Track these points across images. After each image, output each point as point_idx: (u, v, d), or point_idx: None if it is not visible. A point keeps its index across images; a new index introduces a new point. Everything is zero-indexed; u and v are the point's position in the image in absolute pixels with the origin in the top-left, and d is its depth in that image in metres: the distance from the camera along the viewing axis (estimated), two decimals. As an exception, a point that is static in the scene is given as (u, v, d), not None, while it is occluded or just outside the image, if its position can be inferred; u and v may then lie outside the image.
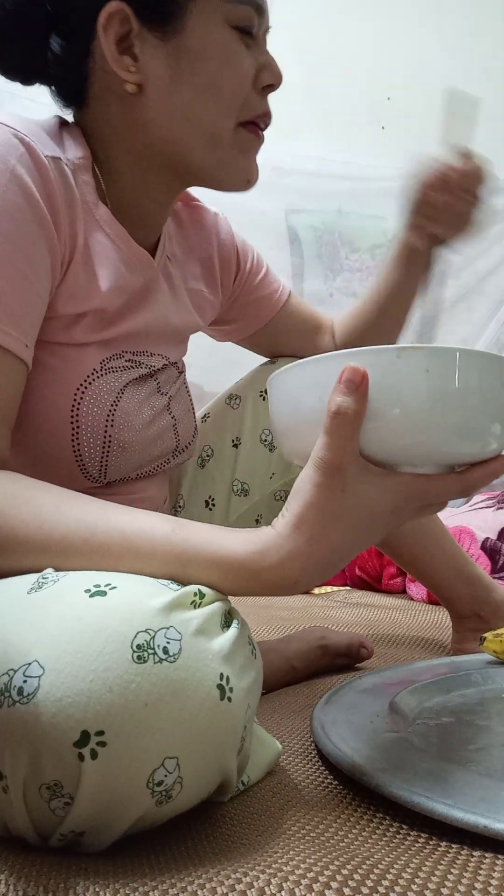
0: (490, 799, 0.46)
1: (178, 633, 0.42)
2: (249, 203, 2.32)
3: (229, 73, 0.63)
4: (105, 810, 0.41)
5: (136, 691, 0.40)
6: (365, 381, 0.44)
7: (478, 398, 0.45)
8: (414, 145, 2.68)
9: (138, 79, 0.61)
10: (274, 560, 0.46)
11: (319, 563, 0.47)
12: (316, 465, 0.45)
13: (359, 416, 0.44)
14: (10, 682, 0.40)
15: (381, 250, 2.47)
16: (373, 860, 0.43)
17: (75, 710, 0.39)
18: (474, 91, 0.93)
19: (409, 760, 0.53)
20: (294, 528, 0.46)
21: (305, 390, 0.47)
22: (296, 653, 0.89)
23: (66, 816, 0.41)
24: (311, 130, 2.43)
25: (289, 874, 0.40)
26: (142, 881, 0.41)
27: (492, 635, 0.82)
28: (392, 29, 2.51)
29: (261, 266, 0.91)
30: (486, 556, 1.58)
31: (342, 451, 0.44)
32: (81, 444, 0.64)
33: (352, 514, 0.46)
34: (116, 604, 0.42)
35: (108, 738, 0.39)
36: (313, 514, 0.45)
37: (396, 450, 0.46)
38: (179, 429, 0.77)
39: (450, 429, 0.45)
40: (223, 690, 0.43)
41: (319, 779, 0.57)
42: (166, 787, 0.41)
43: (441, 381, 0.44)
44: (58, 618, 0.42)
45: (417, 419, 0.44)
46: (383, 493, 0.46)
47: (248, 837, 0.47)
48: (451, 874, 0.41)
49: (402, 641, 1.12)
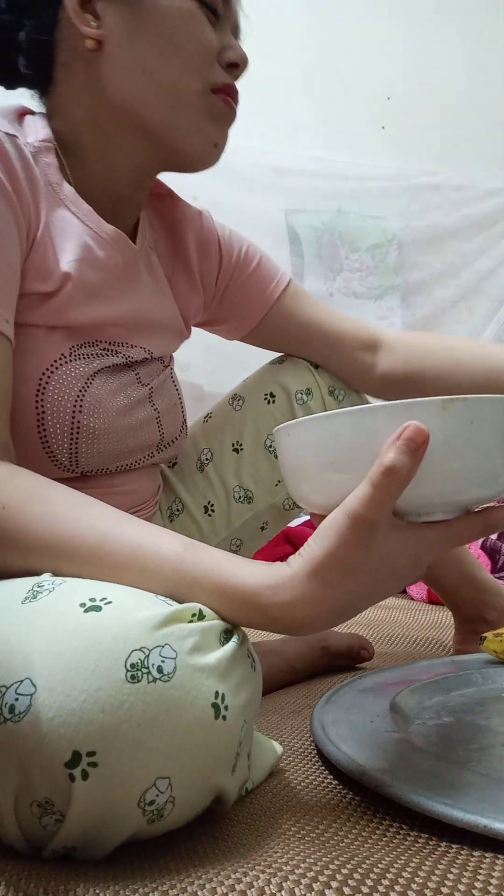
0: (490, 799, 0.46)
1: (172, 652, 0.41)
2: (249, 203, 2.33)
3: (189, 34, 0.64)
4: (96, 828, 0.41)
5: (129, 711, 0.39)
6: (426, 442, 0.41)
7: (498, 441, 0.45)
8: (414, 145, 2.69)
9: (98, 34, 0.63)
10: (285, 599, 0.44)
11: (331, 611, 0.45)
12: (349, 517, 0.43)
13: (411, 475, 0.41)
14: (1, 699, 0.40)
15: (380, 250, 2.47)
16: (373, 860, 0.43)
17: (67, 730, 0.38)
18: (474, 91, 0.92)
19: (409, 760, 0.53)
20: (311, 573, 0.44)
21: (344, 437, 0.45)
22: (296, 653, 0.88)
23: (57, 832, 0.41)
24: (311, 130, 2.43)
25: (289, 874, 0.40)
26: (142, 882, 0.40)
27: (492, 635, 0.82)
28: (392, 29, 2.51)
29: (251, 259, 0.86)
30: (486, 555, 1.59)
31: (382, 509, 0.42)
32: (47, 428, 0.63)
33: (372, 568, 0.44)
34: (110, 620, 0.41)
35: (100, 759, 0.39)
36: (334, 565, 0.43)
37: (422, 500, 0.45)
38: (164, 422, 0.75)
39: (478, 474, 0.44)
40: (218, 709, 0.42)
41: (319, 779, 0.57)
42: (158, 806, 0.41)
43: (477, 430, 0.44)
44: (51, 632, 0.41)
45: (448, 469, 0.43)
46: (406, 546, 0.45)
47: (247, 837, 0.47)
48: (451, 874, 0.41)
49: (402, 641, 1.12)
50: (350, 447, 0.44)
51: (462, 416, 0.43)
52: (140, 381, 0.72)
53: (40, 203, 0.63)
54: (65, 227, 0.65)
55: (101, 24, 0.63)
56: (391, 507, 0.43)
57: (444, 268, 2.51)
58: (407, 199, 2.50)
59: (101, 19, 0.63)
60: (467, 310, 2.51)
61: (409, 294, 2.49)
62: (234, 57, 0.68)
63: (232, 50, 0.68)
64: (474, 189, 2.53)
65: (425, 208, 2.51)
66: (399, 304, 2.47)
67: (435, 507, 0.46)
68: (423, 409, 0.42)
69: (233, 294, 0.86)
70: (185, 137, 0.67)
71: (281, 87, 2.40)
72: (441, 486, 0.44)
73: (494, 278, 2.53)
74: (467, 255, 2.52)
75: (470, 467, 0.44)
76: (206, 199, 0.85)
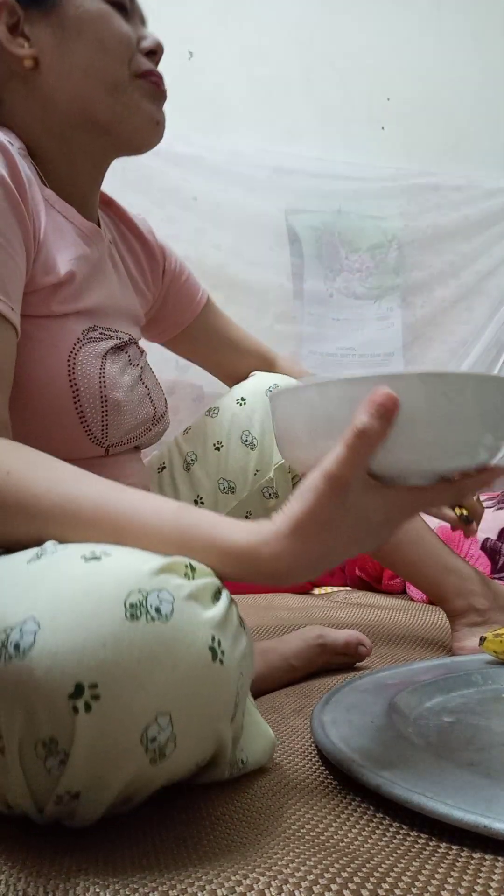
0: (490, 799, 0.46)
1: (170, 596, 0.43)
2: (249, 203, 2.33)
3: (108, 30, 0.71)
4: (99, 766, 0.42)
5: (129, 647, 0.41)
6: (396, 407, 0.45)
7: (476, 416, 0.48)
8: (414, 146, 2.69)
9: (33, 52, 0.71)
10: (270, 552, 0.48)
11: (310, 563, 0.49)
12: (324, 476, 0.47)
13: (382, 438, 0.46)
14: (7, 639, 0.41)
15: (380, 250, 2.47)
16: (373, 863, 0.43)
17: (70, 664, 0.40)
18: (474, 91, 0.93)
19: (409, 760, 0.53)
20: (291, 529, 0.48)
21: (327, 404, 0.49)
22: (294, 651, 0.89)
23: (61, 776, 0.42)
24: (311, 130, 2.43)
25: (289, 877, 0.40)
26: (141, 882, 0.40)
27: (492, 635, 0.82)
28: (392, 29, 2.51)
29: (183, 269, 0.97)
30: (487, 556, 1.58)
31: (353, 468, 0.46)
32: (83, 403, 0.68)
33: (347, 524, 0.48)
34: (110, 567, 0.44)
35: (102, 691, 0.40)
36: (311, 520, 0.47)
37: (398, 466, 0.48)
38: (153, 398, 0.82)
39: (450, 445, 0.48)
40: (215, 652, 0.44)
41: (320, 779, 0.57)
42: (160, 743, 0.42)
43: (450, 403, 0.47)
44: (54, 580, 0.44)
45: (422, 438, 0.47)
46: (380, 506, 0.49)
47: (248, 837, 0.47)
48: (452, 877, 0.41)
49: (402, 642, 1.12)
50: (334, 414, 0.48)
51: (437, 390, 0.47)
52: (131, 362, 0.79)
53: (38, 205, 0.68)
54: (57, 226, 0.71)
55: (33, 42, 0.71)
56: (364, 467, 0.47)
57: (444, 268, 2.50)
58: (407, 199, 2.50)
59: (31, 38, 0.71)
60: (467, 310, 2.51)
61: (409, 294, 2.49)
62: (150, 44, 0.75)
63: (147, 39, 0.75)
64: (474, 189, 2.53)
65: (425, 208, 2.50)
66: (399, 305, 2.47)
67: (410, 473, 0.49)
68: (402, 382, 0.46)
69: (170, 298, 0.96)
70: (129, 119, 0.74)
71: (281, 87, 2.40)
72: (416, 455, 0.48)
73: (494, 278, 2.53)
74: (467, 255, 2.51)
75: (443, 438, 0.47)
76: (206, 200, 0.87)
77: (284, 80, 2.40)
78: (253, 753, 0.55)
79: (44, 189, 0.72)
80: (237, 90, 2.34)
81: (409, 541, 0.99)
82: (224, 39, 2.33)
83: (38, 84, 0.72)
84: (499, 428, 0.50)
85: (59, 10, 0.70)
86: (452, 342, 2.48)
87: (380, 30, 2.50)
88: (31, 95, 0.72)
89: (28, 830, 0.48)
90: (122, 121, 0.73)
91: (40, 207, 0.68)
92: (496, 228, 2.54)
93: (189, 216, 2.21)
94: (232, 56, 2.33)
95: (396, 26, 2.52)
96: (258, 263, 2.29)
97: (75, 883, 0.40)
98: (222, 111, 2.31)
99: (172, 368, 1.81)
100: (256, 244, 2.31)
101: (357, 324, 2.41)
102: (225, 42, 2.33)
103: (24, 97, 0.73)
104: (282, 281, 2.35)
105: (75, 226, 0.74)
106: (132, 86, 0.73)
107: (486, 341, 2.48)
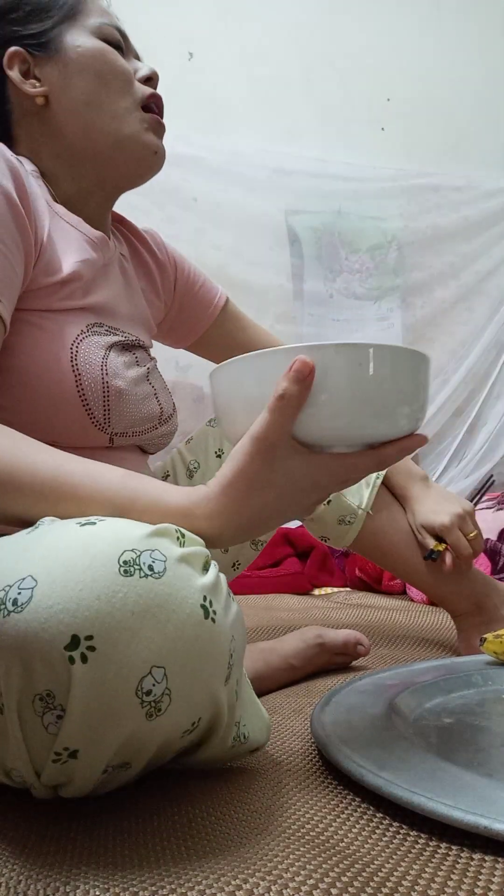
0: (490, 799, 0.46)
1: (162, 556, 0.45)
2: (249, 203, 2.33)
3: (108, 65, 0.79)
4: (96, 720, 0.43)
5: (123, 600, 0.43)
6: (312, 373, 0.49)
7: (392, 386, 0.51)
8: (413, 146, 2.69)
9: (43, 91, 0.79)
10: (204, 512, 0.52)
11: (242, 523, 0.53)
12: (252, 439, 0.51)
13: (300, 401, 0.49)
14: (5, 595, 0.43)
15: (380, 251, 2.47)
16: (374, 866, 0.43)
17: (65, 616, 0.42)
18: (474, 92, 0.93)
19: (409, 761, 0.53)
20: (222, 490, 0.52)
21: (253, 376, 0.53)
22: (293, 651, 0.89)
23: (58, 733, 0.43)
24: (311, 131, 2.43)
25: (289, 881, 0.40)
26: (141, 884, 0.40)
27: (492, 636, 0.82)
28: (392, 29, 2.51)
29: (197, 279, 1.00)
30: (486, 556, 1.58)
31: (278, 430, 0.50)
32: (85, 388, 0.71)
33: (276, 485, 0.52)
34: (104, 529, 0.46)
35: (97, 643, 0.42)
36: (241, 481, 0.52)
37: (321, 432, 0.52)
38: (160, 398, 0.84)
39: (368, 413, 0.51)
40: (207, 611, 0.46)
41: (319, 779, 0.57)
42: (155, 697, 0.44)
43: (365, 372, 0.50)
44: (51, 542, 0.46)
45: (341, 406, 0.50)
46: (307, 470, 0.53)
47: (247, 838, 0.47)
48: (452, 879, 0.41)
49: (402, 642, 1.12)
50: (263, 385, 0.51)
51: (352, 359, 0.50)
52: (138, 363, 0.81)
53: (44, 215, 0.74)
54: (64, 235, 0.76)
55: (43, 83, 0.79)
56: (288, 430, 0.51)
57: (443, 268, 2.50)
58: (406, 199, 2.50)
59: (41, 79, 0.79)
60: (467, 310, 2.51)
61: (408, 295, 2.49)
62: (146, 72, 0.83)
63: (142, 69, 0.83)
64: (474, 190, 2.53)
65: (425, 209, 2.51)
66: (399, 305, 2.47)
67: (334, 440, 0.53)
68: (319, 352, 0.50)
69: (185, 306, 0.99)
70: (131, 149, 0.81)
71: (281, 87, 2.40)
72: (337, 422, 0.51)
73: (494, 279, 2.53)
74: (467, 255, 2.52)
75: (360, 406, 0.50)
76: (207, 200, 0.87)
77: (284, 80, 2.40)
78: (253, 731, 0.56)
79: (53, 205, 0.77)
80: (237, 90, 2.34)
81: (408, 542, 0.99)
82: (224, 39, 2.33)
83: (48, 119, 0.80)
84: (416, 398, 0.53)
85: (63, 53, 0.79)
86: (452, 343, 2.48)
87: (380, 30, 2.50)
88: (43, 129, 0.80)
89: (28, 831, 0.48)
90: (123, 149, 0.80)
91: (45, 217, 0.73)
92: (496, 229, 2.54)
93: (189, 216, 2.21)
94: (232, 56, 2.34)
95: (396, 26, 2.52)
96: (258, 264, 2.29)
97: (75, 885, 0.40)
98: (222, 111, 2.31)
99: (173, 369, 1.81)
100: (256, 245, 2.31)
101: (357, 324, 2.41)
102: (225, 42, 2.33)
103: (37, 132, 0.80)
104: (282, 281, 2.35)
105: (83, 233, 0.78)
106: (133, 117, 0.80)
107: (486, 341, 2.48)
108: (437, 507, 0.97)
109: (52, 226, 0.75)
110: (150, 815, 0.50)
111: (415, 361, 0.53)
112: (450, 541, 0.95)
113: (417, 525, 0.98)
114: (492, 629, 0.95)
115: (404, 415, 0.52)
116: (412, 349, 0.53)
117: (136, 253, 0.94)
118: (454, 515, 0.95)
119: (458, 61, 2.57)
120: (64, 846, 0.46)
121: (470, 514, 0.97)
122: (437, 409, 2.40)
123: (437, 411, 2.40)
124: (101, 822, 0.49)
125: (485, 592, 0.98)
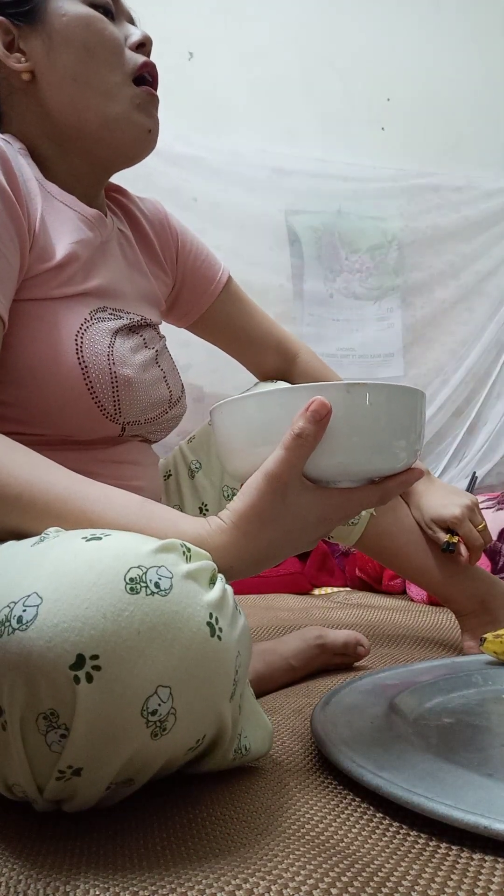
0: (490, 799, 0.46)
1: (168, 573, 0.45)
2: (249, 203, 2.33)
3: (95, 35, 0.73)
4: (100, 740, 0.42)
5: (129, 619, 0.42)
6: (329, 413, 0.50)
7: (399, 422, 0.54)
8: (413, 146, 2.69)
9: (28, 66, 0.74)
10: (214, 544, 0.52)
11: (252, 557, 0.53)
12: (265, 476, 0.52)
13: (317, 440, 0.51)
14: (10, 612, 0.42)
15: (380, 251, 2.47)
16: (373, 866, 0.43)
17: (71, 634, 0.41)
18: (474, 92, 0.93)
19: (409, 761, 0.53)
20: (235, 525, 0.53)
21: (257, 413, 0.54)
22: (293, 651, 0.89)
23: (62, 752, 0.42)
24: (311, 131, 2.43)
25: (288, 881, 0.40)
26: (141, 885, 0.40)
27: (492, 636, 0.82)
28: (392, 29, 2.51)
29: (199, 252, 0.96)
30: (486, 556, 1.58)
31: (292, 468, 0.51)
32: (92, 379, 0.69)
33: (286, 521, 0.53)
34: (110, 545, 0.45)
35: (103, 662, 0.41)
36: (254, 516, 0.52)
37: (330, 469, 0.53)
38: (169, 381, 0.83)
39: (370, 450, 0.53)
40: (213, 628, 0.45)
41: (319, 779, 0.57)
42: (160, 716, 0.43)
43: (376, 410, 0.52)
44: (56, 558, 0.45)
45: (351, 442, 0.52)
46: (315, 505, 0.53)
47: (247, 838, 0.47)
48: (452, 880, 0.41)
49: (402, 642, 1.12)
50: (271, 422, 0.53)
51: (362, 398, 0.52)
52: (146, 345, 0.79)
53: (36, 197, 0.71)
54: (57, 215, 0.73)
55: (28, 57, 0.74)
56: (301, 468, 0.52)
57: (443, 268, 2.50)
58: (406, 199, 2.50)
59: (26, 53, 0.74)
60: (467, 310, 2.51)
61: (408, 295, 2.49)
62: (138, 38, 0.77)
63: (134, 34, 0.77)
64: (474, 190, 2.53)
65: (425, 209, 2.50)
66: (399, 305, 2.47)
67: (341, 475, 0.54)
68: (331, 390, 0.51)
69: (187, 281, 0.95)
70: (122, 129, 0.76)
71: (281, 87, 2.40)
72: (345, 458, 0.53)
73: (494, 279, 2.53)
74: (467, 255, 2.51)
75: (368, 442, 0.53)
76: (206, 200, 0.87)
77: (284, 81, 2.40)
78: (255, 741, 0.56)
79: (46, 183, 0.74)
80: (237, 90, 2.34)
81: (414, 542, 0.98)
82: (224, 39, 2.33)
83: (35, 95, 0.75)
84: (417, 433, 0.56)
85: (47, 23, 0.73)
86: (452, 343, 2.48)
87: (380, 30, 2.50)
88: (31, 106, 0.75)
89: (28, 831, 0.48)
90: (114, 129, 0.75)
91: (37, 199, 0.71)
92: (496, 229, 2.54)
93: (189, 216, 2.19)
94: (232, 56, 2.33)
95: (396, 26, 2.52)
96: (258, 264, 2.29)
97: (75, 884, 0.40)
98: (222, 111, 2.31)
99: (172, 369, 1.81)
100: (256, 245, 2.31)
101: (357, 324, 2.41)
102: (225, 42, 2.33)
103: (24, 108, 0.76)
104: (282, 281, 2.35)
105: (77, 212, 0.76)
106: (124, 92, 0.75)
107: (486, 341, 2.48)
108: (445, 500, 0.97)
109: (45, 207, 0.72)
110: (151, 815, 0.50)
111: (415, 399, 0.55)
112: (462, 532, 0.95)
113: (427, 520, 0.97)
114: (496, 628, 0.95)
115: (403, 448, 0.55)
116: (411, 388, 0.55)
117: (137, 225, 0.90)
118: (464, 507, 0.95)
119: (458, 61, 2.57)
120: (64, 846, 0.46)
121: (477, 505, 0.97)
122: (437, 409, 2.40)
123: (438, 411, 2.40)
124: (102, 822, 0.49)
125: (490, 592, 0.98)
